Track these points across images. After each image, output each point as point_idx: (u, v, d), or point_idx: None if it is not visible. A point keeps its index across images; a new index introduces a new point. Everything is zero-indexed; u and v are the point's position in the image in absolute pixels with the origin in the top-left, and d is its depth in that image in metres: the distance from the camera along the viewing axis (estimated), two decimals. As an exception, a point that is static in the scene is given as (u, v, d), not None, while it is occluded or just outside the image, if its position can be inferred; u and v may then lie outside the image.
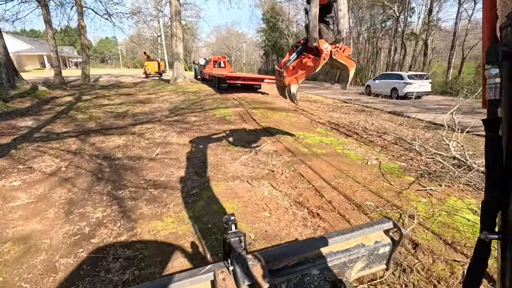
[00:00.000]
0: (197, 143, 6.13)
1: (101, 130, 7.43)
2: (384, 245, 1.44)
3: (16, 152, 5.62)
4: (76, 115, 9.31)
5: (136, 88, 18.40)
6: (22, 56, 43.74)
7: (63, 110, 10.43)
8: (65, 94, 14.53)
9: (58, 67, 17.26)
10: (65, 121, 8.54)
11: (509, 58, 0.65)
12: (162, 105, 11.04)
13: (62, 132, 7.17)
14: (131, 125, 8.04)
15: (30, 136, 6.81)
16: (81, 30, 19.00)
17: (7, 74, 11.82)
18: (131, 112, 9.85)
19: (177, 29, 16.25)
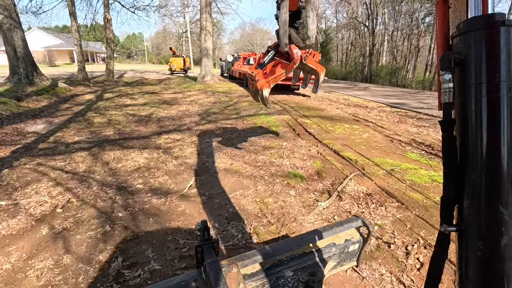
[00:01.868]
0: (241, 169, 4.50)
1: (119, 141, 6.00)
2: (353, 242, 1.49)
3: (8, 172, 4.26)
4: (93, 118, 8.01)
5: (161, 86, 17.19)
6: (53, 51, 44.58)
7: (81, 111, 9.21)
8: (86, 92, 13.49)
9: (82, 62, 16.37)
10: (80, 125, 7.23)
11: (459, 64, 0.73)
12: (191, 108, 9.56)
13: (72, 143, 5.81)
14: (156, 134, 6.57)
15: (34, 147, 5.49)
16: (107, 23, 18.06)
17: (25, 69, 10.84)
18: (156, 116, 8.42)
19: (207, 22, 14.79)
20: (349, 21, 40.56)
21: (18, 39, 10.63)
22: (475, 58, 0.70)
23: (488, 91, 0.69)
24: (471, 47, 0.71)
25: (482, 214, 0.71)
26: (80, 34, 16.68)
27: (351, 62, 41.28)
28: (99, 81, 17.61)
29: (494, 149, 0.69)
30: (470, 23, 0.72)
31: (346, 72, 38.78)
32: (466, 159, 0.73)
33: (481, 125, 0.70)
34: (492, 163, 0.70)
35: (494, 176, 0.69)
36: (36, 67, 11.34)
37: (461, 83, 0.74)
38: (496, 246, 0.70)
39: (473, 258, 0.74)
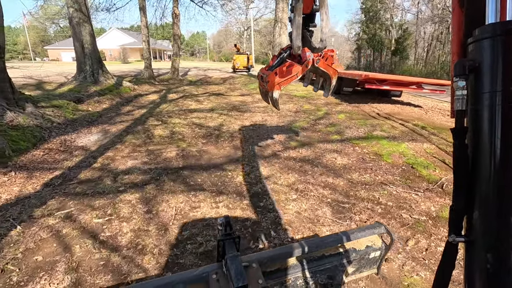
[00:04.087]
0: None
1: (184, 172, 4.16)
2: (375, 249, 1.45)
3: (18, 237, 2.64)
4: (154, 129, 6.46)
5: (226, 86, 15.66)
6: (127, 48, 47.67)
7: (141, 116, 7.85)
8: (150, 91, 12.51)
9: (148, 59, 15.72)
10: (137, 140, 5.68)
11: (474, 71, 0.70)
12: (268, 119, 7.51)
13: (123, 172, 4.15)
14: (231, 162, 4.61)
15: (74, 178, 3.94)
16: (175, 19, 17.22)
17: (91, 66, 10.06)
18: (227, 129, 6.54)
19: (284, 13, 12.69)
20: (438, 13, 34.55)
21: (87, 34, 9.87)
22: (491, 65, 0.67)
23: (503, 100, 0.66)
24: (487, 54, 0.68)
25: (492, 226, 0.69)
26: (149, 30, 16.06)
27: (434, 61, 35.36)
28: (164, 79, 16.88)
29: (507, 159, 0.66)
30: (487, 29, 0.69)
31: (427, 73, 33.24)
32: (477, 169, 0.71)
33: (494, 135, 0.67)
34: (504, 174, 0.67)
35: (506, 187, 0.67)
36: (102, 64, 10.55)
37: (475, 90, 0.71)
38: (505, 258, 0.68)
39: (481, 270, 0.72)
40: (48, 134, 5.36)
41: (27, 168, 4.13)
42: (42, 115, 5.73)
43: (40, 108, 5.93)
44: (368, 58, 53.52)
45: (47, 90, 9.50)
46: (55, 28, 58.65)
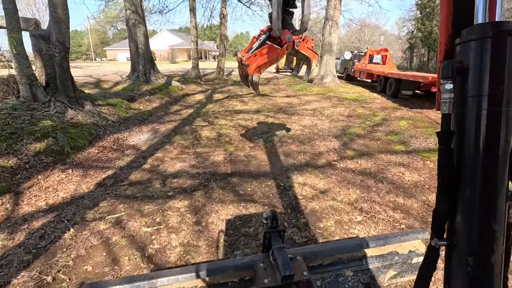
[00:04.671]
0: None
1: (232, 179, 3.91)
2: (418, 255, 1.41)
3: (70, 241, 2.58)
4: (201, 130, 6.37)
5: (271, 87, 15.37)
6: (175, 49, 50.03)
7: (189, 116, 7.87)
8: (197, 91, 12.71)
9: (196, 59, 16.08)
10: (185, 141, 5.61)
11: (461, 74, 0.68)
12: (318, 123, 7.01)
13: (172, 175, 4.03)
14: (281, 170, 4.25)
15: (125, 179, 3.91)
16: (222, 19, 17.39)
17: (144, 66, 10.45)
18: (275, 132, 6.20)
19: (335, 11, 11.97)
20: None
21: (141, 34, 10.26)
22: (479, 68, 0.66)
23: (489, 104, 0.65)
24: (474, 56, 0.67)
25: (475, 230, 0.69)
26: (197, 31, 16.42)
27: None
28: (210, 79, 17.14)
29: (491, 164, 0.67)
30: (475, 30, 0.67)
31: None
32: (462, 173, 0.71)
33: (479, 139, 0.67)
34: (488, 179, 0.67)
35: (489, 192, 0.67)
36: (154, 64, 10.92)
37: (461, 93, 0.70)
38: (486, 262, 0.69)
39: (462, 273, 0.73)
40: (103, 132, 5.52)
41: (83, 166, 4.22)
42: (99, 113, 5.94)
43: (97, 106, 6.18)
44: (422, 58, 49.31)
45: (104, 89, 10.07)
46: (113, 30, 63.87)
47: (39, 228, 2.75)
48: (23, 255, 2.37)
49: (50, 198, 3.34)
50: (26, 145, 3.94)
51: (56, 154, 4.13)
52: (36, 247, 2.49)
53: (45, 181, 3.65)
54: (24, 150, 3.87)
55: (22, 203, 3.17)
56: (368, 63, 15.42)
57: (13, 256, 2.36)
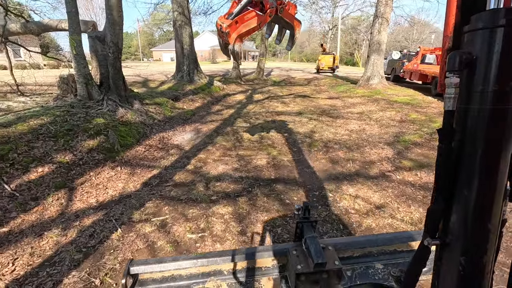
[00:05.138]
0: None
1: (277, 187, 3.70)
2: None
3: (117, 241, 2.57)
4: (243, 132, 6.25)
5: (311, 87, 14.92)
6: (216, 49, 51.30)
7: (230, 117, 7.83)
8: (237, 91, 12.74)
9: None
10: (227, 142, 5.53)
11: (469, 66, 0.62)
12: (367, 128, 6.52)
13: (215, 178, 3.94)
14: (330, 179, 3.94)
15: (170, 179, 3.90)
16: (264, 19, 17.24)
17: (188, 66, 10.70)
18: (319, 137, 5.87)
19: (386, 7, 11.15)
20: None
21: (186, 35, 10.51)
22: (488, 60, 0.60)
23: (497, 101, 0.60)
24: (484, 47, 0.60)
25: (469, 230, 0.69)
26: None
27: None
28: (250, 79, 17.15)
29: (492, 166, 0.64)
30: (487, 16, 0.60)
31: None
32: (460, 173, 0.68)
33: (482, 138, 0.63)
34: (487, 180, 0.65)
35: (487, 194, 0.66)
36: (197, 64, 11.14)
37: (467, 88, 0.64)
38: (478, 262, 0.69)
39: (452, 272, 0.73)
40: (149, 131, 5.66)
41: (130, 164, 4.32)
42: (146, 112, 6.11)
43: (145, 105, 6.37)
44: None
45: (151, 88, 10.49)
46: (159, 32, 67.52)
47: (89, 226, 2.79)
48: (74, 254, 2.39)
49: (100, 195, 3.42)
50: (80, 142, 4.12)
51: (106, 152, 4.27)
52: (86, 246, 2.51)
53: (96, 178, 3.76)
54: (78, 147, 4.04)
55: (75, 199, 3.27)
56: (420, 63, 14.22)
57: (65, 253, 2.40)
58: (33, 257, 2.34)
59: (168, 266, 1.10)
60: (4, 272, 2.16)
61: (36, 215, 2.90)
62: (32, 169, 3.41)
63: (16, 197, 3.00)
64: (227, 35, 1.39)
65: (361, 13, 50.96)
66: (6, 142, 3.54)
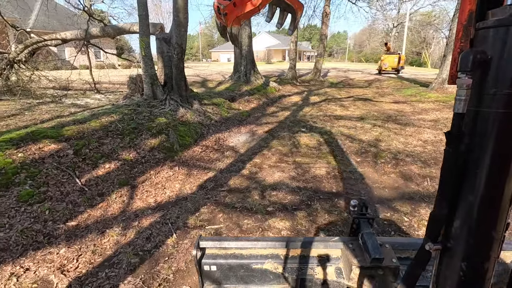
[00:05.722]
0: None
1: (340, 202, 3.30)
2: None
3: (171, 247, 2.49)
4: (299, 136, 5.93)
5: (373, 90, 13.81)
6: (271, 50, 51.55)
7: (286, 119, 7.56)
8: (293, 92, 12.39)
9: (294, 60, 15.83)
10: (283, 147, 5.26)
11: (482, 66, 0.59)
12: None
13: (270, 186, 3.71)
14: (405, 199, 3.39)
15: (225, 184, 3.79)
16: (324, 18, 16.57)
17: (245, 67, 10.72)
18: (387, 147, 5.23)
19: None
20: None
21: (246, 36, 10.54)
22: (504, 61, 0.56)
23: (510, 105, 0.57)
24: (500, 46, 0.57)
25: (473, 236, 0.68)
26: (298, 31, 16.10)
27: None
28: (305, 80, 16.63)
29: (500, 172, 0.62)
30: (505, 13, 0.57)
31: None
32: (466, 178, 0.66)
33: (491, 143, 0.61)
34: (494, 187, 0.63)
35: (494, 200, 0.64)
36: (254, 65, 11.10)
37: (479, 89, 0.61)
38: (480, 268, 0.68)
39: (453, 277, 0.72)
40: (206, 131, 5.70)
41: (187, 164, 4.34)
42: (204, 112, 6.19)
43: (203, 105, 6.47)
44: None
45: (209, 88, 10.78)
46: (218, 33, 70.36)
47: (146, 227, 2.78)
48: (131, 257, 2.37)
49: (158, 195, 3.45)
50: (144, 140, 4.27)
51: (166, 151, 4.36)
52: (142, 249, 2.48)
53: (156, 177, 3.83)
54: (142, 145, 4.19)
55: (135, 197, 3.35)
56: None
57: (123, 255, 2.39)
58: (95, 255, 2.38)
59: (231, 244, 1.16)
60: (69, 268, 2.22)
61: (100, 211, 3.01)
62: (101, 164, 3.59)
63: (85, 192, 3.17)
64: (224, 16, 1.31)
65: (432, 8, 46.01)
66: (81, 138, 3.80)
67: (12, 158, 3.09)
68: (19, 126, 4.60)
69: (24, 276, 2.11)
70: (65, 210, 2.83)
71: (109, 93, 9.16)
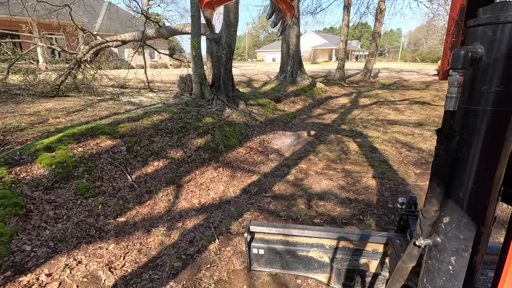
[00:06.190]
0: None
1: (395, 221, 2.92)
2: None
3: (213, 254, 2.41)
4: (349, 142, 5.54)
5: (432, 92, 12.56)
6: (317, 50, 50.30)
7: (333, 121, 7.17)
8: (341, 94, 11.81)
9: (343, 59, 15.11)
10: (331, 152, 4.95)
11: (474, 64, 0.59)
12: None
13: (318, 195, 3.46)
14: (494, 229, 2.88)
15: (268, 189, 3.64)
16: (379, 15, 15.53)
17: (292, 67, 10.47)
18: (453, 159, 4.59)
19: None
20: None
21: (294, 35, 10.29)
22: (495, 58, 0.56)
23: (499, 102, 0.57)
24: (490, 44, 0.56)
25: (462, 231, 0.69)
26: (349, 29, 15.34)
27: None
28: (354, 81, 15.78)
29: (489, 169, 0.63)
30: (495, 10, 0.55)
31: None
32: (457, 175, 0.68)
33: (481, 141, 0.62)
34: (483, 184, 0.64)
35: (482, 197, 0.65)
36: (301, 65, 10.80)
37: (471, 86, 0.62)
38: (469, 261, 0.70)
39: (443, 271, 0.73)
40: (251, 132, 5.61)
41: (231, 166, 4.28)
42: (250, 112, 6.12)
43: (249, 106, 6.41)
44: None
45: (254, 88, 10.76)
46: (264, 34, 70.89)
47: (190, 230, 2.75)
48: (174, 260, 2.33)
49: (202, 196, 3.42)
50: (190, 140, 4.31)
51: (211, 151, 4.35)
52: (185, 253, 2.44)
53: (201, 177, 3.83)
54: (189, 144, 4.23)
55: (180, 197, 3.36)
56: None
57: (166, 257, 2.37)
58: (140, 255, 2.40)
59: (279, 230, 1.18)
60: (116, 266, 2.25)
61: (148, 208, 3.06)
62: (150, 162, 3.69)
63: (134, 188, 3.26)
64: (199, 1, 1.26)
65: None
66: (134, 135, 3.96)
67: (73, 152, 3.30)
68: (81, 121, 4.99)
69: (76, 269, 2.18)
70: (116, 206, 2.93)
71: (160, 91, 9.63)
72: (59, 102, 6.80)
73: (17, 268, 2.11)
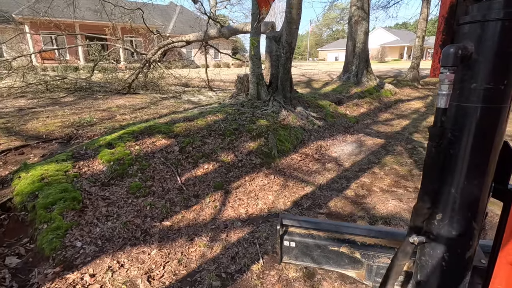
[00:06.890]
0: None
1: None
2: None
3: (255, 277, 2.16)
4: (423, 157, 4.71)
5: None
6: (386, 47, 46.41)
7: (404, 129, 6.28)
8: (413, 97, 10.47)
9: (417, 58, 13.46)
10: (400, 166, 4.26)
11: (464, 61, 0.59)
12: None
13: (382, 218, 2.92)
14: None
15: (323, 205, 3.24)
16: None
17: (357, 66, 9.63)
18: None
19: None
20: None
21: (362, 32, 9.43)
22: (484, 56, 0.57)
23: (490, 99, 0.59)
24: (481, 41, 0.57)
25: (455, 228, 0.70)
26: (427, 24, 13.55)
27: None
28: (430, 82, 13.90)
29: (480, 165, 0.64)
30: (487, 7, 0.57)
31: None
32: (449, 172, 0.69)
33: (472, 138, 0.63)
34: (475, 180, 0.65)
35: (474, 193, 0.67)
36: (368, 64, 9.86)
37: (461, 84, 0.62)
38: (462, 258, 0.72)
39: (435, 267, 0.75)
40: (307, 137, 5.20)
41: (284, 173, 3.97)
42: (307, 116, 5.71)
43: (306, 108, 6.00)
44: None
45: (314, 88, 10.21)
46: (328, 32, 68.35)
47: (233, 244, 2.54)
48: (213, 278, 2.14)
49: (250, 206, 3.19)
50: (242, 143, 4.14)
51: (264, 156, 4.10)
52: (226, 271, 2.23)
53: (250, 184, 3.61)
54: (240, 148, 4.06)
55: (227, 204, 3.19)
56: None
57: (206, 273, 2.19)
58: (180, 266, 2.27)
59: (311, 225, 1.19)
60: (155, 275, 2.16)
61: (193, 214, 2.95)
62: (200, 164, 3.61)
63: (182, 191, 3.20)
64: None
65: None
66: (187, 135, 3.94)
67: (130, 150, 3.39)
68: (143, 119, 5.24)
69: (118, 272, 2.15)
70: (163, 208, 2.89)
71: (219, 90, 9.82)
72: (129, 99, 7.37)
73: (66, 263, 2.16)
